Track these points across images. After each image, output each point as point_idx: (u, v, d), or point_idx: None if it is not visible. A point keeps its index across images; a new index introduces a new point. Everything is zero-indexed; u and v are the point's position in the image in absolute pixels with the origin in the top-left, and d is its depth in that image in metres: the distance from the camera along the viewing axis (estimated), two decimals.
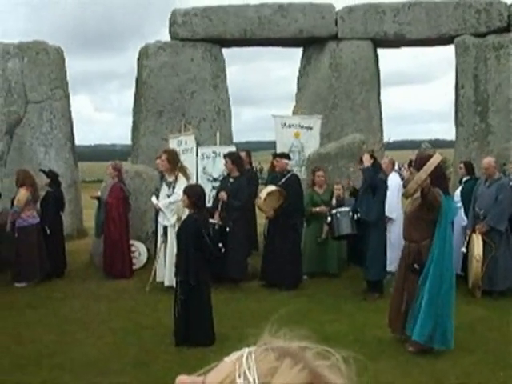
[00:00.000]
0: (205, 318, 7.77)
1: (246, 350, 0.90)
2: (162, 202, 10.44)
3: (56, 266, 11.45)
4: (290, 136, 13.10)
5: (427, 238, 7.26)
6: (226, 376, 0.87)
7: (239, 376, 0.85)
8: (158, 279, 10.51)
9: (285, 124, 13.21)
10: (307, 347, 0.92)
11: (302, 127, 13.14)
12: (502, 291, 9.93)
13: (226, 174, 11.25)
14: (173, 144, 12.78)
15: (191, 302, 7.62)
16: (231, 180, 10.79)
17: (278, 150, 12.48)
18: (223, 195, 10.59)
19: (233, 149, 12.45)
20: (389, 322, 7.83)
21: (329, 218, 10.24)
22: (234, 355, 0.91)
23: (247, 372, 0.84)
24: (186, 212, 8.48)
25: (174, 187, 10.36)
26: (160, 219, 10.63)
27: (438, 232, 7.16)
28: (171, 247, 10.01)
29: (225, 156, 11.20)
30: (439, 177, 7.28)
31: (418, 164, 7.35)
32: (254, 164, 14.76)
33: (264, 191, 10.54)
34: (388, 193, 10.17)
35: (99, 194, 11.96)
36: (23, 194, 11.06)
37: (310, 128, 13.12)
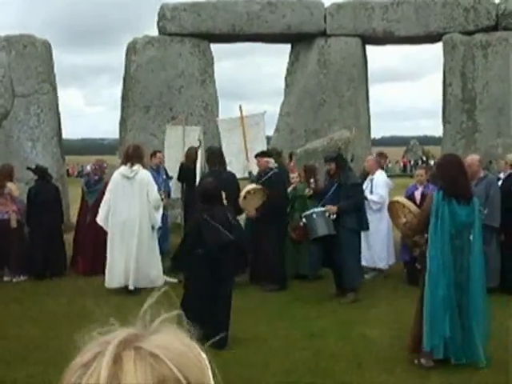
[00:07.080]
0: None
1: None
2: None
3: (50, 262, 11.35)
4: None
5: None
6: None
7: None
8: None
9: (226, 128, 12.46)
10: None
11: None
12: (490, 288, 9.76)
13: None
14: (176, 132, 11.95)
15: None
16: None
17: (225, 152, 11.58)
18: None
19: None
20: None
21: (303, 220, 9.54)
22: None
23: None
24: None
25: None
26: None
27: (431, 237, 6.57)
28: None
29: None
30: (451, 180, 6.56)
31: None
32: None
33: (244, 190, 10.45)
34: (378, 189, 10.40)
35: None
36: None
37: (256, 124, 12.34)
